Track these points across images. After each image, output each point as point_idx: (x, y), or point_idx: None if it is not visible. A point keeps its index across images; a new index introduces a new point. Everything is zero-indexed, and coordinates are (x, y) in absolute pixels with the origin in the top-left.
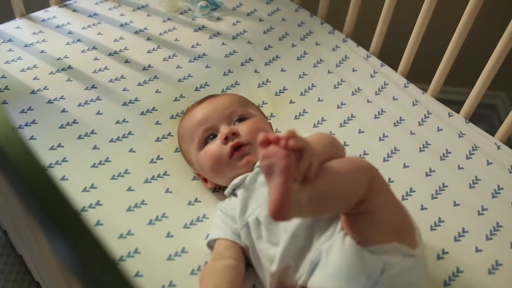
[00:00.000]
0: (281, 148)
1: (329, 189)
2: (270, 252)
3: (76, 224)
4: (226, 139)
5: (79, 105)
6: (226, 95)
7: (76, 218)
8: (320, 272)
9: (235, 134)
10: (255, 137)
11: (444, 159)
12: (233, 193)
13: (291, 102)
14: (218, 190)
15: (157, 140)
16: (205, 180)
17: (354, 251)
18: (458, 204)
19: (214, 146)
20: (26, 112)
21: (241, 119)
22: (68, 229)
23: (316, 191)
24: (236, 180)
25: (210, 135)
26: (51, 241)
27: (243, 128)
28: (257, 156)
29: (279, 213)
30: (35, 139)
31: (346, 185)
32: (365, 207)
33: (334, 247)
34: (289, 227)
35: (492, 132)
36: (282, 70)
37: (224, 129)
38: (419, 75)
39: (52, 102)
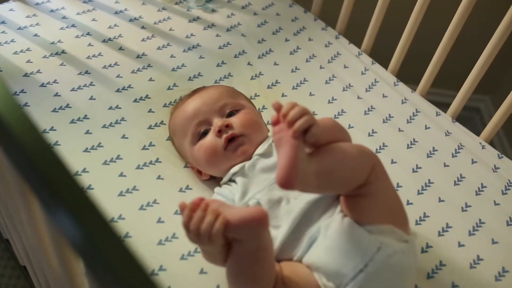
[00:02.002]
0: (287, 123)
1: (335, 167)
2: (271, 233)
3: (81, 200)
4: (219, 132)
5: (72, 89)
6: (215, 87)
7: (82, 193)
8: (318, 247)
9: (228, 126)
10: (249, 128)
11: (430, 156)
12: (231, 180)
13: (283, 95)
14: (210, 179)
15: (150, 127)
16: (199, 172)
17: (352, 228)
18: (443, 200)
19: (208, 139)
20: (18, 95)
21: (233, 111)
22: (73, 204)
23: (323, 166)
24: (234, 169)
25: (203, 129)
26: (52, 217)
27: (235, 120)
28: (252, 146)
29: (287, 179)
30: None
31: (352, 165)
32: (365, 190)
33: (333, 224)
34: (291, 210)
35: (476, 134)
36: (275, 64)
37: (217, 122)
38: (408, 75)
39: (45, 86)
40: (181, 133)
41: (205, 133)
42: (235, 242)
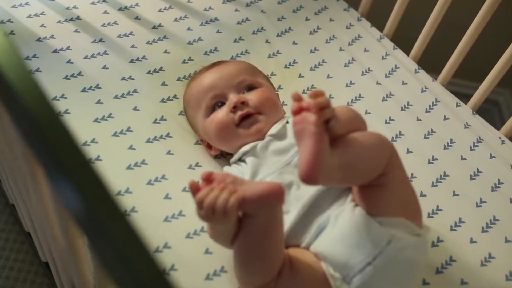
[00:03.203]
0: (313, 113)
1: (357, 159)
2: None
3: (86, 172)
4: (234, 108)
5: (85, 57)
6: (235, 62)
7: (87, 165)
8: (326, 236)
9: (244, 103)
10: (265, 106)
11: (447, 148)
12: (241, 159)
13: (300, 76)
14: (220, 157)
15: (162, 101)
16: (209, 146)
17: (364, 219)
18: (458, 194)
19: (221, 113)
20: (30, 59)
21: (250, 88)
22: (77, 176)
23: (346, 159)
24: (245, 148)
25: (217, 102)
26: (56, 187)
27: (252, 97)
28: (268, 125)
29: (311, 174)
30: None
31: (372, 157)
32: (381, 180)
33: (344, 214)
34: (301, 196)
35: (493, 127)
36: (293, 43)
37: (233, 98)
38: (430, 64)
39: (58, 52)
40: (195, 104)
41: (220, 106)
42: (247, 218)
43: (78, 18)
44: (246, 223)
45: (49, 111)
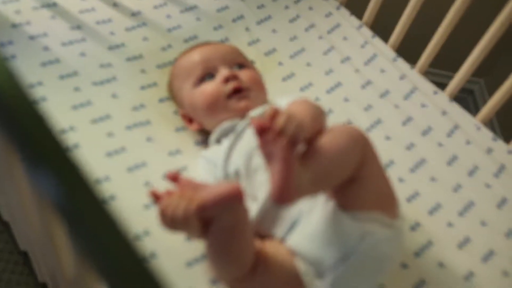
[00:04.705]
0: (279, 136)
1: (329, 168)
2: (248, 205)
3: (63, 159)
4: (227, 80)
5: (63, 44)
6: (224, 44)
7: (64, 154)
8: (300, 233)
9: (236, 77)
10: (255, 85)
11: (425, 135)
12: (218, 141)
13: (279, 64)
14: (201, 143)
15: (142, 88)
16: (190, 121)
17: (336, 216)
18: (435, 180)
19: (212, 85)
20: (5, 46)
21: (241, 66)
22: (54, 163)
23: (317, 172)
24: (226, 125)
25: (207, 74)
26: (33, 176)
27: (243, 75)
28: (254, 104)
29: (283, 197)
30: None
31: (345, 160)
32: (355, 175)
33: (316, 210)
34: (265, 183)
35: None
36: (273, 31)
37: (225, 71)
38: (407, 54)
39: (34, 39)
40: (184, 74)
41: (209, 78)
42: (211, 221)
43: (54, 4)
44: (212, 225)
45: (24, 98)
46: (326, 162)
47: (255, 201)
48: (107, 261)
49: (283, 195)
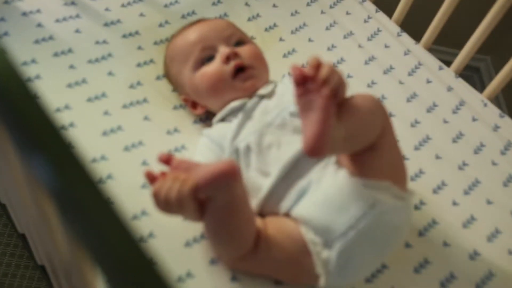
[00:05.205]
0: (321, 86)
1: (361, 127)
2: (258, 181)
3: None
4: (228, 59)
5: (57, 20)
6: (220, 19)
7: (57, 134)
8: (308, 200)
9: (236, 55)
10: (257, 61)
11: (430, 112)
12: (224, 119)
13: (280, 39)
14: (199, 122)
15: (138, 65)
16: (193, 106)
17: (347, 182)
18: (440, 157)
19: (214, 66)
20: None
21: (239, 43)
22: (46, 143)
23: (352, 130)
24: (235, 103)
25: (207, 56)
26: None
27: (243, 52)
28: (260, 82)
29: (316, 149)
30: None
31: (374, 122)
32: (376, 142)
33: (327, 177)
34: (281, 158)
35: None
36: (274, 6)
37: (224, 49)
38: (411, 30)
39: (27, 15)
40: (182, 58)
41: (209, 60)
42: (207, 201)
43: None
44: (208, 204)
45: (16, 77)
46: (359, 121)
47: (267, 177)
48: (101, 243)
49: (318, 146)
